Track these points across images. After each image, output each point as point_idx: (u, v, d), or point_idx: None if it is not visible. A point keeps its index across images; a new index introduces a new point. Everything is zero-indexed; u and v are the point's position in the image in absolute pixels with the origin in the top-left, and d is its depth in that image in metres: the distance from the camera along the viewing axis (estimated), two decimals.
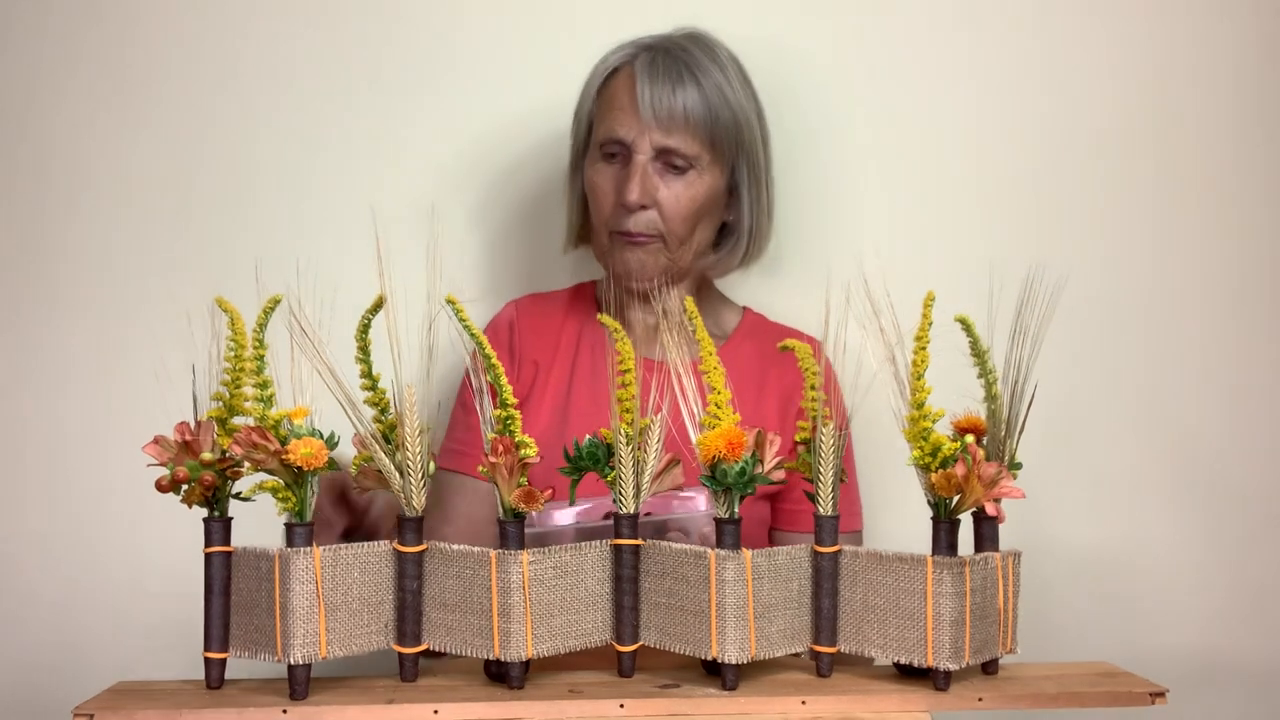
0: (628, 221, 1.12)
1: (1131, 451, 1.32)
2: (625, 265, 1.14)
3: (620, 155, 1.14)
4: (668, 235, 1.13)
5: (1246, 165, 1.34)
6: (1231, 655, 1.32)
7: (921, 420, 0.81)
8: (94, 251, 1.33)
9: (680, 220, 1.13)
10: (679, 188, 1.12)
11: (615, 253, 1.15)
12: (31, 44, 1.33)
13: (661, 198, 1.12)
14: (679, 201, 1.12)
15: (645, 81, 1.11)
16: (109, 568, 1.31)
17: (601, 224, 1.15)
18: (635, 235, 1.13)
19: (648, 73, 1.12)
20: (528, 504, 0.80)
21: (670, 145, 1.11)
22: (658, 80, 1.11)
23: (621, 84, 1.14)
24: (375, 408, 0.85)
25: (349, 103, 1.34)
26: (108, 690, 0.84)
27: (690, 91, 1.12)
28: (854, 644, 0.85)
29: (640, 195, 1.11)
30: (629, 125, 1.12)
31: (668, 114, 1.11)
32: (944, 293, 0.84)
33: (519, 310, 1.22)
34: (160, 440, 0.82)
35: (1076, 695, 0.84)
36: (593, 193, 1.16)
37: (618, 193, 1.12)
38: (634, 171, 1.11)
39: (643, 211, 1.12)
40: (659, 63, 1.13)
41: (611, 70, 1.16)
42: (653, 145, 1.11)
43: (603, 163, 1.15)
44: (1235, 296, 1.34)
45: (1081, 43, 1.34)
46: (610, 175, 1.14)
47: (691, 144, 1.12)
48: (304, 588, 0.79)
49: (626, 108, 1.12)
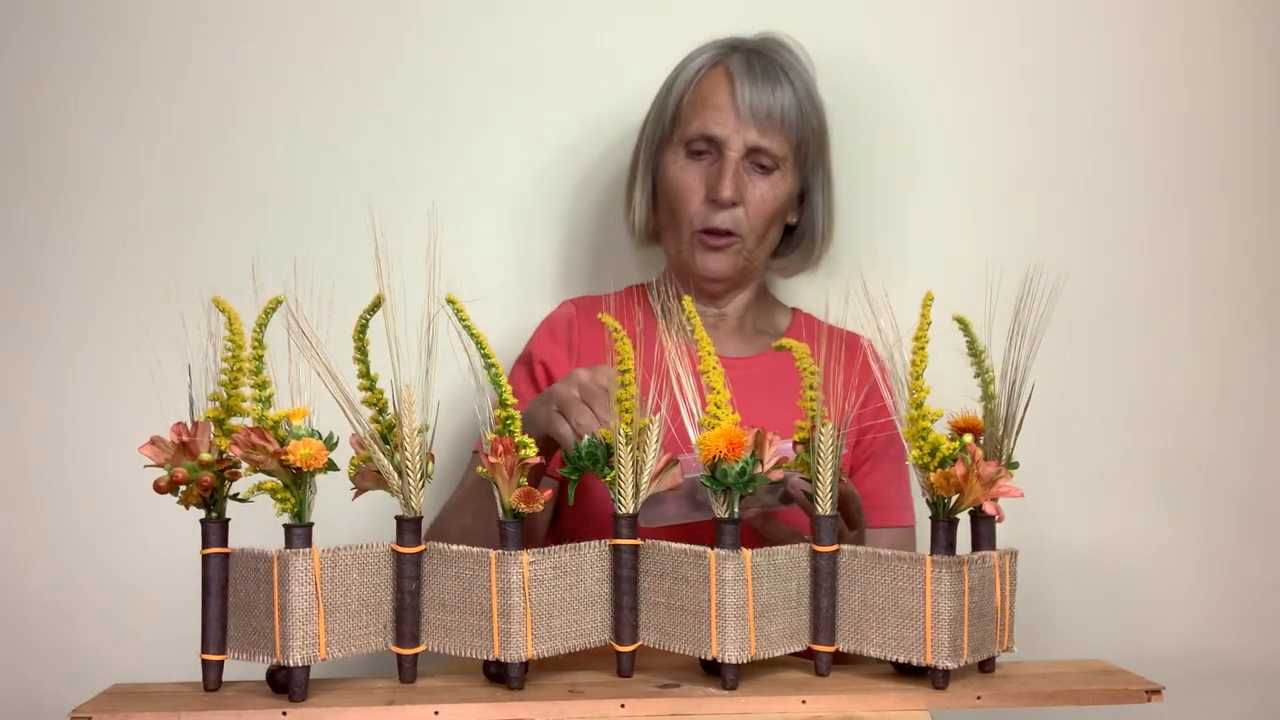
0: (715, 218, 1.13)
1: (1128, 451, 1.33)
2: (705, 265, 1.16)
3: (709, 153, 1.15)
4: (748, 234, 1.15)
5: (1246, 167, 1.34)
6: (1227, 653, 1.32)
7: (920, 420, 0.81)
8: (91, 252, 1.33)
9: (763, 220, 1.15)
10: (765, 187, 1.14)
11: (695, 252, 1.16)
12: (31, 45, 1.33)
13: (749, 196, 1.14)
14: (764, 201, 1.14)
15: (744, 81, 1.13)
16: (106, 569, 1.30)
17: (685, 220, 1.16)
18: (718, 235, 1.14)
19: (746, 72, 1.14)
20: (528, 504, 0.80)
21: (763, 145, 1.13)
22: (756, 80, 1.13)
23: (717, 82, 1.15)
24: (373, 408, 0.84)
25: (348, 102, 1.33)
26: (105, 692, 0.83)
27: (787, 92, 1.14)
28: (853, 643, 0.85)
29: (734, 193, 1.12)
30: (725, 123, 1.13)
31: (765, 114, 1.13)
32: (942, 293, 0.85)
33: (577, 308, 1.22)
34: (157, 441, 0.81)
35: (1073, 693, 0.84)
36: (677, 188, 1.16)
37: (709, 189, 1.13)
38: (727, 169, 1.12)
39: (732, 208, 1.13)
40: (755, 64, 1.15)
41: (702, 68, 1.17)
42: (745, 144, 1.13)
43: (687, 159, 1.16)
44: (1234, 297, 1.34)
45: (1081, 43, 1.35)
46: (698, 172, 1.15)
47: (782, 145, 1.14)
48: (303, 589, 0.79)
49: (724, 106, 1.13)
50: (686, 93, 1.17)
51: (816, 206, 1.21)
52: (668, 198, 1.17)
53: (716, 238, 1.14)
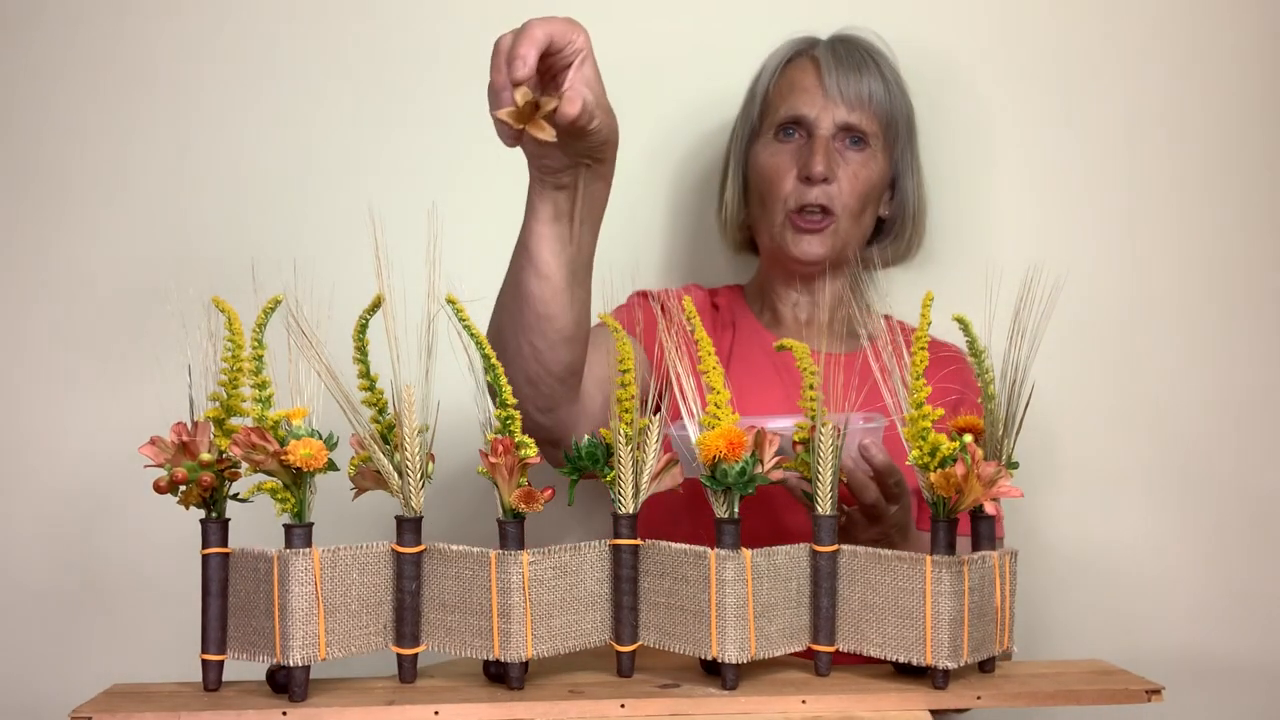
0: (809, 194, 1.14)
1: (1128, 451, 1.33)
2: (800, 248, 1.16)
3: (799, 134, 1.17)
4: (841, 211, 1.16)
5: (1247, 166, 1.34)
6: (1227, 653, 1.32)
7: (920, 420, 0.81)
8: (91, 251, 1.33)
9: (856, 196, 1.16)
10: (857, 164, 1.16)
11: (787, 236, 1.17)
12: (29, 43, 1.33)
13: (841, 173, 1.15)
14: (857, 178, 1.16)
15: (831, 64, 1.16)
16: (106, 569, 1.31)
17: (777, 202, 1.17)
18: (810, 215, 1.15)
19: (833, 56, 1.17)
20: (528, 504, 0.80)
21: (852, 121, 1.15)
22: (843, 63, 1.17)
23: (804, 68, 1.18)
24: (373, 408, 0.84)
25: (348, 102, 1.33)
26: (104, 692, 0.83)
27: (874, 76, 1.17)
28: (853, 643, 0.85)
29: (825, 168, 1.14)
30: (813, 103, 1.16)
31: (854, 93, 1.15)
32: (942, 292, 0.85)
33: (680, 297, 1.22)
34: (157, 441, 0.81)
35: (1073, 693, 0.84)
36: (768, 172, 1.18)
37: (801, 166, 1.15)
38: (818, 145, 1.15)
39: (824, 184, 1.14)
40: (841, 50, 1.18)
41: (789, 57, 1.20)
42: (835, 122, 1.15)
43: (777, 142, 1.18)
44: (1235, 297, 1.34)
45: (1079, 42, 1.35)
46: (789, 152, 1.17)
47: (872, 122, 1.16)
48: (303, 589, 0.79)
49: (811, 88, 1.16)
50: (773, 82, 1.19)
51: (908, 193, 1.23)
52: (759, 183, 1.19)
53: (811, 219, 1.15)
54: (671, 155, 1.36)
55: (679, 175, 1.36)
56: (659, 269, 1.37)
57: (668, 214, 1.37)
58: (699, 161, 1.35)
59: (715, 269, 1.35)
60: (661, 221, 1.37)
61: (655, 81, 1.33)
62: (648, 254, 1.36)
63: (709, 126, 1.33)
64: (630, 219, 1.34)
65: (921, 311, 0.84)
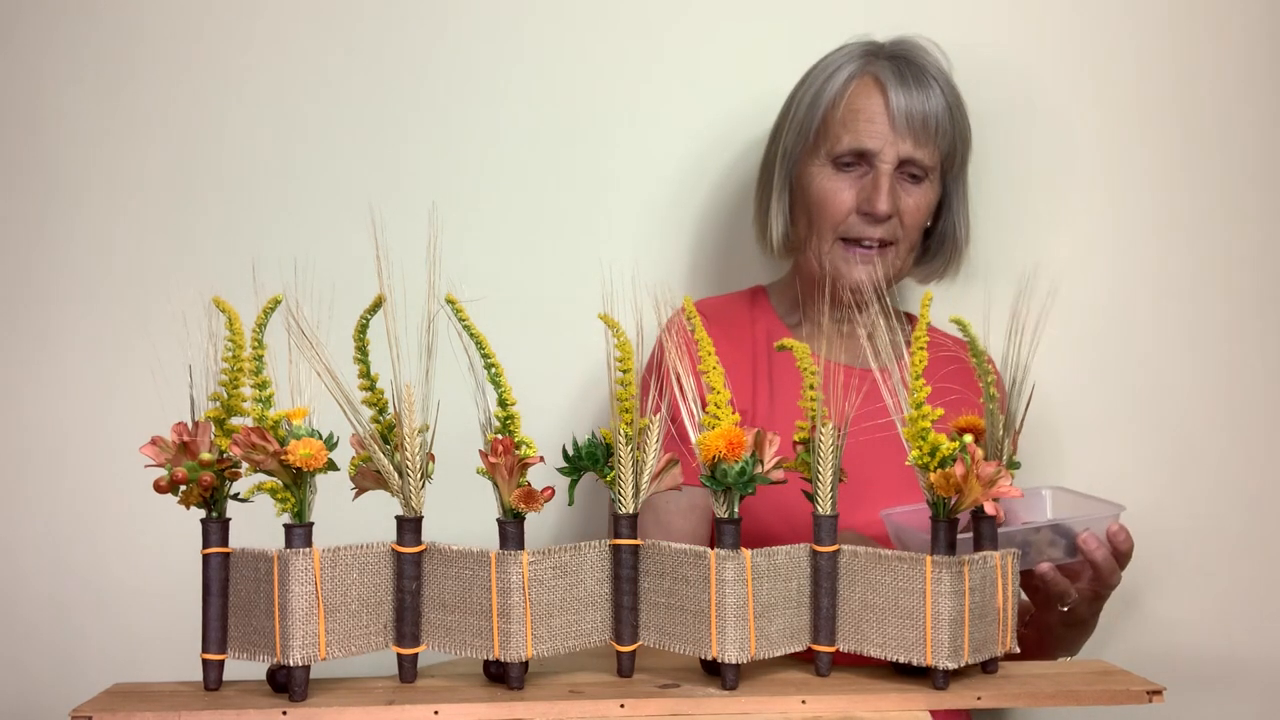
0: (869, 230, 1.13)
1: (1128, 451, 1.33)
2: (854, 276, 1.14)
3: (857, 164, 1.14)
4: (900, 242, 1.15)
5: (1247, 163, 1.34)
6: (1228, 654, 1.32)
7: (920, 420, 0.81)
8: (91, 251, 1.33)
9: (916, 229, 1.16)
10: (917, 196, 1.15)
11: (838, 260, 1.15)
12: (31, 43, 1.33)
13: (904, 206, 1.14)
14: (918, 210, 1.15)
15: (898, 92, 1.12)
16: (107, 569, 1.31)
17: (829, 228, 1.15)
18: (868, 245, 1.14)
19: (898, 82, 1.13)
20: (528, 504, 0.80)
21: (917, 157, 1.13)
22: (909, 90, 1.13)
23: (869, 94, 1.14)
24: (373, 408, 0.84)
25: (348, 102, 1.33)
26: (105, 692, 0.83)
27: (939, 100, 1.14)
28: (853, 643, 0.85)
29: (890, 206, 1.12)
30: (879, 135, 1.13)
31: (921, 125, 1.13)
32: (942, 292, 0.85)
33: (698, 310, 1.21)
34: (158, 441, 0.81)
35: (1074, 694, 0.84)
36: (824, 197, 1.15)
37: (863, 201, 1.13)
38: (883, 182, 1.12)
39: (887, 221, 1.13)
40: (905, 72, 1.14)
41: (851, 77, 1.15)
42: (899, 155, 1.13)
43: (832, 169, 1.15)
44: (1236, 296, 1.34)
45: (1077, 42, 1.35)
46: (849, 183, 1.14)
47: (934, 156, 1.15)
48: (303, 589, 0.79)
49: (877, 118, 1.13)
50: (838, 105, 1.15)
51: (955, 210, 1.21)
52: (812, 206, 1.16)
53: (867, 249, 1.14)
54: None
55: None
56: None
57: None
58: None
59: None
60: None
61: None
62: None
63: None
64: (646, 224, 1.33)
65: (921, 311, 0.84)
